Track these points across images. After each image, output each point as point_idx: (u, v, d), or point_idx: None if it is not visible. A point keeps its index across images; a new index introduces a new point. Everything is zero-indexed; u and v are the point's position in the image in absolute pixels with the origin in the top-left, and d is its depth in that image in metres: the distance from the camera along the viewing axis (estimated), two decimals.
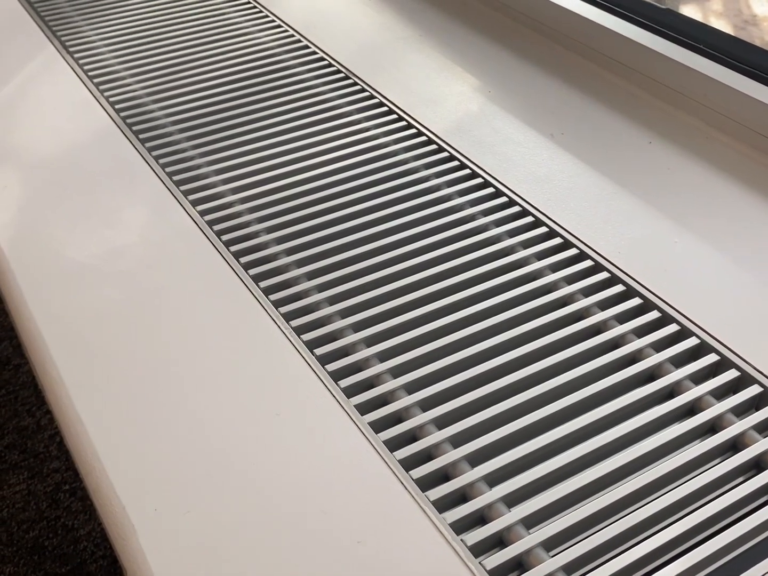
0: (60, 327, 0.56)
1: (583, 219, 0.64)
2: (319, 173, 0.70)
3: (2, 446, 1.03)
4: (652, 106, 0.77)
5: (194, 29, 0.92)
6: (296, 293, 0.58)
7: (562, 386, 0.51)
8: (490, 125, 0.76)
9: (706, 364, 0.53)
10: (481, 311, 0.57)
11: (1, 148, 0.73)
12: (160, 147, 0.74)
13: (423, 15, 0.94)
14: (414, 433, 0.49)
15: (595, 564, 0.43)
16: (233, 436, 0.48)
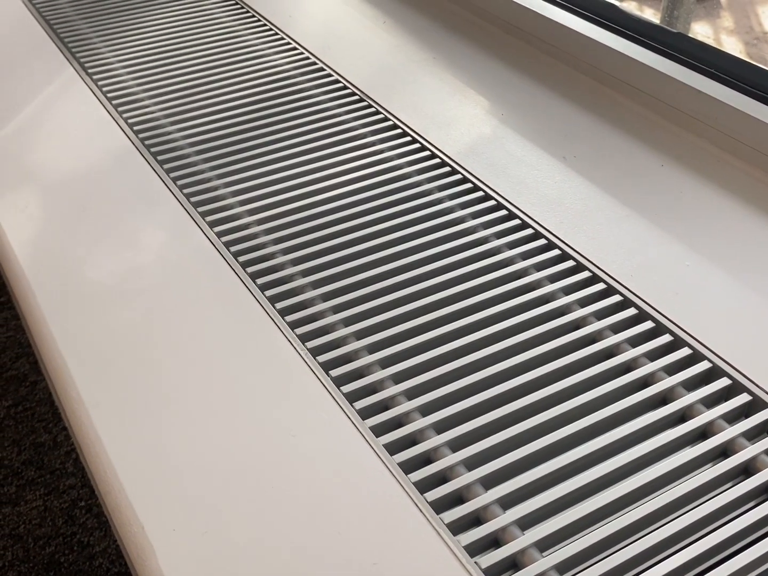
0: (79, 346, 0.56)
1: (596, 241, 0.65)
2: (334, 195, 0.71)
3: (19, 462, 1.04)
4: (664, 129, 0.78)
5: (211, 51, 0.93)
6: (312, 314, 0.59)
7: (574, 410, 0.52)
8: (503, 148, 0.77)
9: (718, 388, 0.53)
10: (494, 334, 0.57)
11: (22, 169, 0.75)
12: (177, 168, 0.75)
13: (437, 38, 0.95)
14: (429, 456, 0.49)
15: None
16: (250, 457, 0.49)
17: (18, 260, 0.64)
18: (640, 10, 3.37)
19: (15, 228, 0.67)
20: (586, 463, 0.49)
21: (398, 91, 0.86)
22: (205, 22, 0.99)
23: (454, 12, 1.00)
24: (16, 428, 1.10)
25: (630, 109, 0.81)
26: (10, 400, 1.14)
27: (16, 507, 0.99)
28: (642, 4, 3.46)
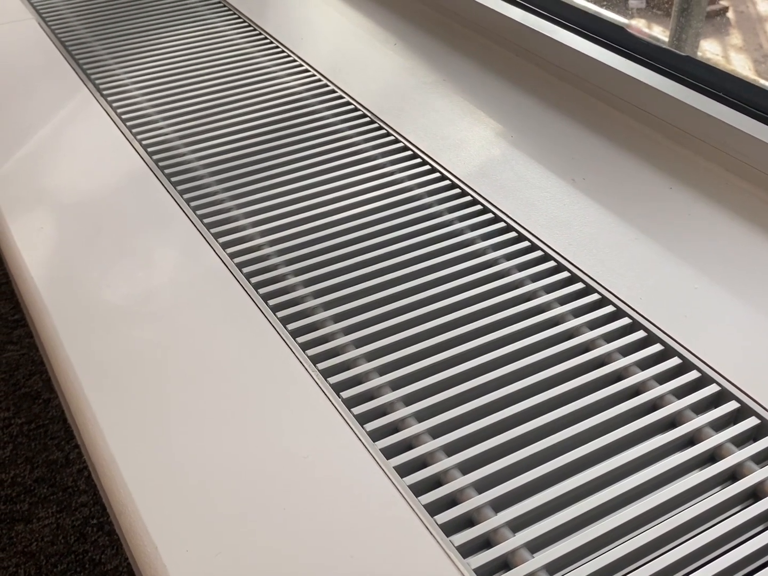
0: (94, 367, 0.57)
1: (605, 264, 0.66)
2: (345, 216, 0.72)
3: (32, 480, 1.04)
4: (673, 152, 0.78)
5: (224, 72, 0.94)
6: (323, 336, 0.60)
7: (582, 433, 0.52)
8: (513, 170, 0.77)
9: (727, 412, 0.53)
10: (503, 356, 0.58)
11: (37, 190, 0.76)
12: (191, 190, 0.76)
13: (446, 60, 0.96)
14: (439, 478, 0.50)
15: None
16: (263, 478, 0.49)
17: (33, 281, 0.65)
18: (649, 28, 3.39)
19: (30, 249, 0.68)
20: (595, 486, 0.49)
21: (408, 113, 0.87)
22: (218, 44, 1.01)
23: (464, 34, 1.01)
24: (29, 445, 1.11)
25: (639, 131, 0.81)
26: (24, 418, 1.15)
27: (28, 524, 0.99)
28: (651, 22, 3.48)
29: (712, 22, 3.51)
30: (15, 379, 1.20)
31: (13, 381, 1.20)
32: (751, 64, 3.22)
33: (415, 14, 1.07)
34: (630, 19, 3.57)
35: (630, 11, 3.70)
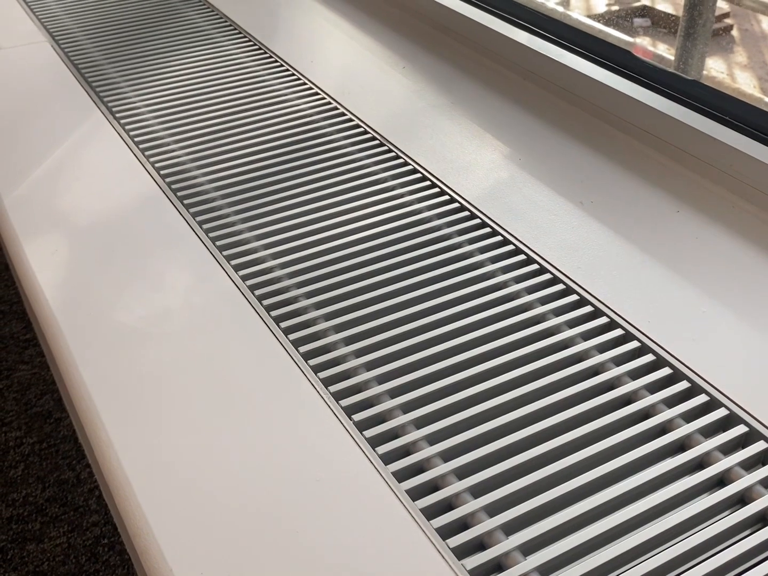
0: (109, 389, 0.58)
1: (613, 287, 0.66)
2: (356, 239, 0.73)
3: (43, 499, 1.05)
4: (680, 175, 0.79)
5: (234, 95, 0.96)
6: (334, 358, 0.60)
7: (592, 457, 0.52)
8: (521, 193, 0.78)
9: (735, 435, 0.54)
10: (512, 380, 0.58)
11: (51, 213, 0.77)
12: (203, 212, 0.77)
13: (455, 83, 0.97)
14: (450, 501, 0.50)
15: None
16: (276, 501, 0.50)
17: (48, 303, 0.66)
18: (654, 46, 3.41)
19: (45, 271, 0.69)
20: (604, 509, 0.50)
21: (417, 136, 0.88)
22: (229, 67, 1.02)
23: (472, 58, 1.02)
24: (40, 465, 1.11)
25: (646, 154, 0.82)
26: (35, 437, 1.16)
27: (40, 544, 1.00)
28: (656, 40, 3.50)
29: (717, 40, 3.53)
30: (27, 399, 1.21)
31: (24, 400, 1.21)
32: (756, 82, 3.23)
33: (424, 37, 1.08)
34: (635, 37, 3.59)
35: (635, 30, 3.72)
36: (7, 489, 1.09)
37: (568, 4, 3.72)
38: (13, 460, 1.12)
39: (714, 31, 3.46)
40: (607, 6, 3.70)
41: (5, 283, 1.45)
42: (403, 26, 1.12)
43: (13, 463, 1.12)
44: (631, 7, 3.65)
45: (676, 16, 3.53)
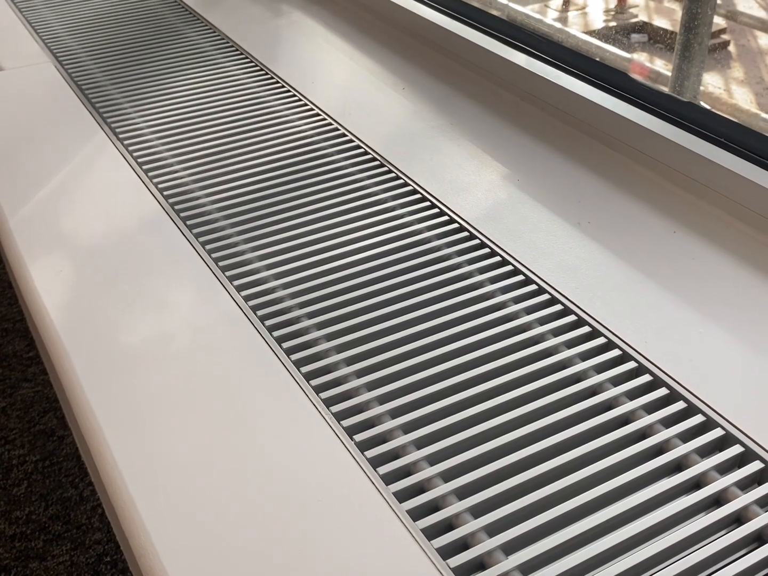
0: (113, 410, 0.59)
1: (611, 308, 0.67)
2: (356, 259, 0.74)
3: (46, 517, 1.06)
4: (676, 196, 0.80)
5: (236, 116, 0.97)
6: (336, 379, 0.61)
7: (588, 478, 0.53)
8: (519, 213, 0.79)
9: (731, 455, 0.55)
10: (511, 400, 0.59)
11: (56, 233, 0.78)
12: (206, 233, 0.78)
13: (454, 104, 0.99)
14: (451, 521, 0.51)
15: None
16: (278, 521, 0.50)
17: (54, 324, 0.67)
18: (651, 62, 3.44)
19: (50, 292, 0.70)
20: (601, 530, 0.50)
21: (417, 156, 0.89)
22: (230, 87, 1.03)
23: (471, 79, 1.04)
24: (43, 483, 1.12)
25: (643, 175, 0.83)
26: (38, 455, 1.16)
27: (43, 562, 1.00)
28: (653, 56, 3.52)
29: (714, 55, 3.56)
30: (30, 416, 1.22)
31: (28, 418, 1.22)
32: (753, 97, 3.25)
33: (423, 59, 1.10)
34: (632, 53, 3.62)
35: (632, 46, 3.75)
36: (11, 507, 1.09)
37: (566, 21, 3.75)
38: (16, 478, 1.13)
39: (711, 47, 3.49)
40: (604, 22, 3.73)
41: (8, 301, 1.46)
42: (403, 47, 1.13)
43: (17, 481, 1.12)
44: (628, 23, 3.68)
45: (673, 31, 3.55)
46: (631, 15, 3.74)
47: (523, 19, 3.28)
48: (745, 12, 3.59)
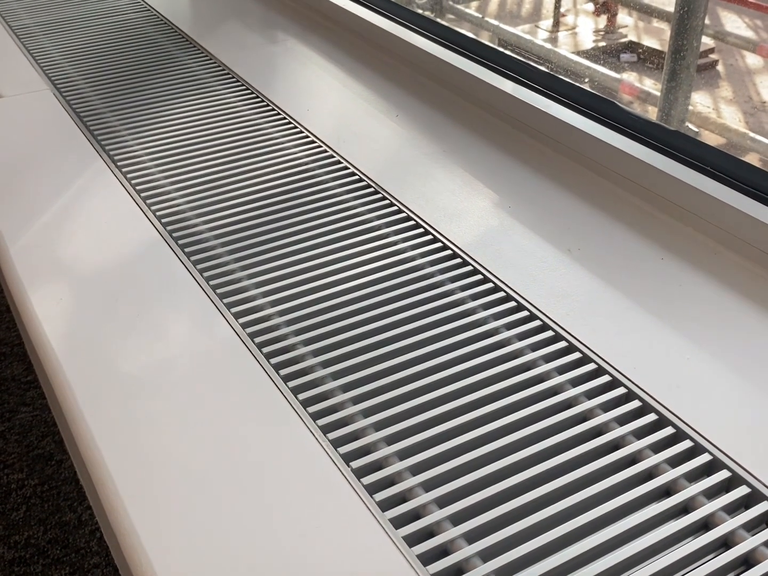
0: (114, 438, 0.60)
1: (600, 334, 0.69)
2: (351, 286, 0.75)
3: (45, 541, 1.06)
4: (664, 223, 0.82)
5: (233, 143, 0.98)
6: (332, 405, 0.63)
7: (580, 503, 0.55)
8: (511, 240, 0.81)
9: (718, 480, 0.56)
10: (505, 426, 0.60)
11: (56, 261, 0.79)
12: (203, 260, 0.79)
13: (446, 131, 1.01)
14: (446, 548, 0.52)
15: None
16: (269, 548, 0.51)
17: (55, 352, 0.68)
18: (640, 82, 3.47)
19: (51, 320, 0.71)
20: (593, 555, 0.52)
21: (410, 183, 0.91)
22: (227, 115, 1.05)
23: (463, 106, 1.06)
24: (42, 507, 1.13)
25: (631, 202, 0.85)
26: (37, 479, 1.17)
27: None
28: (642, 75, 3.56)
29: (703, 75, 3.60)
30: (28, 441, 1.23)
31: (26, 443, 1.23)
32: (741, 116, 3.29)
33: (417, 86, 1.12)
34: (622, 72, 3.65)
35: (622, 65, 3.78)
36: (9, 531, 1.10)
37: (556, 41, 3.79)
38: (15, 502, 1.14)
39: (699, 66, 3.54)
40: (594, 42, 3.77)
41: (6, 325, 1.47)
42: (397, 75, 1.15)
43: (15, 505, 1.13)
44: (617, 42, 3.72)
45: (662, 51, 3.60)
46: (621, 35, 3.78)
47: (513, 39, 3.32)
48: (732, 32, 3.63)
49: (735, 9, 3.81)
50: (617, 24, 3.79)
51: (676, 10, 1.31)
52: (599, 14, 3.87)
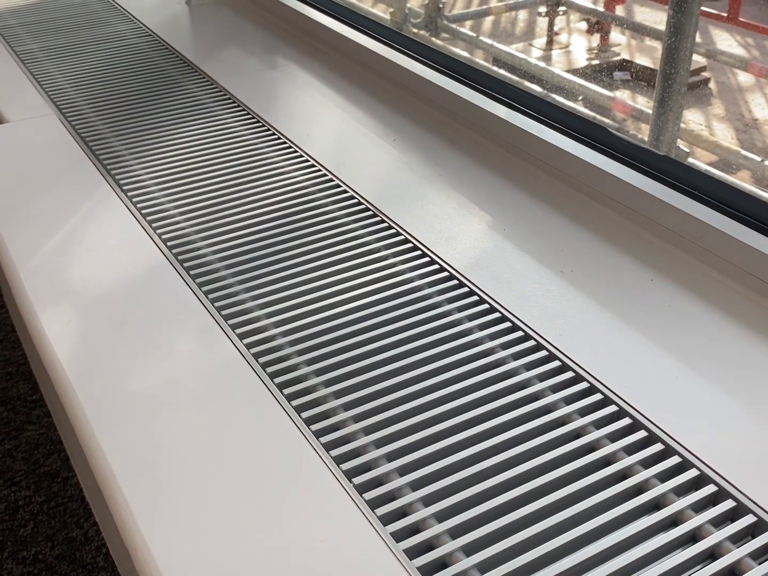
0: (124, 453, 0.62)
1: (592, 354, 0.71)
2: (352, 307, 0.78)
3: (52, 557, 1.08)
4: (654, 246, 0.85)
5: (236, 168, 1.01)
6: (334, 423, 0.65)
7: (570, 518, 0.57)
8: (506, 262, 0.84)
9: (706, 495, 0.59)
10: (501, 443, 0.63)
11: (64, 284, 0.81)
12: (208, 282, 0.82)
13: (443, 155, 1.04)
14: (445, 560, 0.54)
15: None
16: (279, 556, 0.54)
17: (65, 372, 0.70)
18: (633, 99, 3.52)
19: (61, 342, 0.74)
20: (587, 565, 0.54)
21: (408, 206, 0.93)
22: (229, 139, 1.08)
23: (458, 131, 1.09)
24: (49, 523, 1.15)
25: (622, 225, 0.88)
26: (43, 496, 1.19)
27: None
28: (635, 93, 3.61)
29: (695, 92, 3.65)
30: (35, 458, 1.25)
31: (32, 460, 1.25)
32: (733, 133, 3.33)
33: (414, 111, 1.15)
34: (615, 90, 3.70)
35: (615, 83, 3.83)
36: (18, 547, 1.12)
37: (550, 59, 3.84)
38: (22, 519, 1.16)
39: (691, 84, 3.58)
40: (587, 60, 3.82)
41: (11, 345, 1.49)
42: (394, 100, 1.18)
43: (23, 522, 1.15)
44: (610, 61, 3.77)
45: (654, 69, 3.64)
46: (614, 53, 3.83)
47: (507, 58, 3.36)
48: (725, 51, 3.68)
49: (726, 27, 3.86)
50: (610, 42, 3.84)
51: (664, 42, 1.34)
52: (592, 33, 3.92)
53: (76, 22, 1.49)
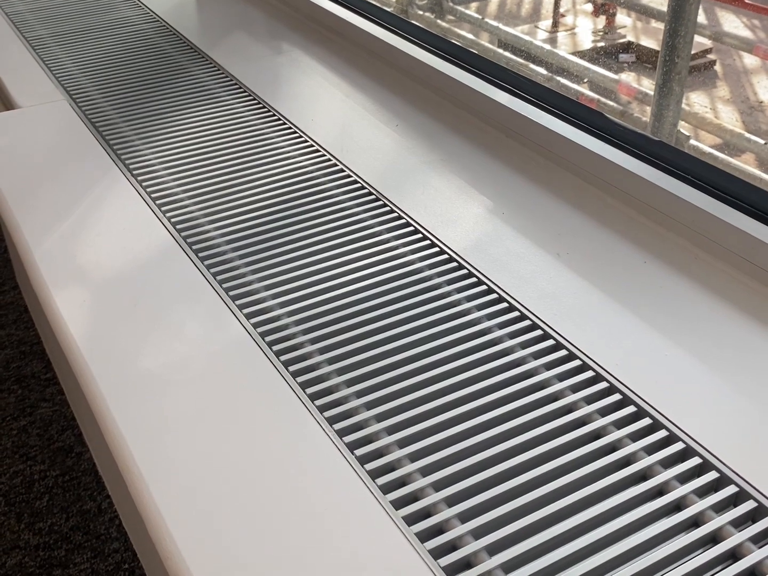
0: (138, 428, 0.65)
1: (586, 333, 0.74)
2: (354, 288, 0.81)
3: (67, 528, 1.13)
4: (647, 229, 0.87)
5: (242, 152, 1.04)
6: (338, 399, 0.68)
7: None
8: (504, 245, 0.86)
9: (691, 466, 0.61)
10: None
11: (77, 266, 0.84)
12: (216, 264, 0.85)
13: (444, 140, 1.06)
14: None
15: None
16: (291, 534, 0.57)
17: (81, 351, 0.73)
18: (638, 82, 3.52)
19: (76, 322, 0.77)
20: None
21: (410, 191, 0.96)
22: (235, 124, 1.10)
23: (460, 116, 1.11)
24: (63, 496, 1.19)
25: (616, 209, 0.91)
26: (58, 470, 1.23)
27: (66, 569, 1.07)
28: (640, 75, 3.61)
29: (701, 75, 3.65)
30: (49, 434, 1.29)
31: (47, 436, 1.29)
32: (738, 116, 3.34)
33: (416, 97, 1.17)
34: (620, 72, 3.70)
35: (620, 65, 3.83)
36: (34, 519, 1.16)
37: (555, 41, 3.84)
38: (38, 492, 1.20)
39: (697, 66, 3.58)
40: (593, 42, 3.82)
41: (25, 325, 1.53)
42: (397, 86, 1.20)
43: (39, 495, 1.19)
44: (616, 43, 3.77)
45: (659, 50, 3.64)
46: (619, 35, 3.83)
47: (512, 40, 3.36)
48: (730, 32, 3.67)
49: (733, 9, 3.85)
50: (616, 24, 3.84)
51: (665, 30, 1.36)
52: (598, 14, 3.92)
53: (84, 7, 1.51)
